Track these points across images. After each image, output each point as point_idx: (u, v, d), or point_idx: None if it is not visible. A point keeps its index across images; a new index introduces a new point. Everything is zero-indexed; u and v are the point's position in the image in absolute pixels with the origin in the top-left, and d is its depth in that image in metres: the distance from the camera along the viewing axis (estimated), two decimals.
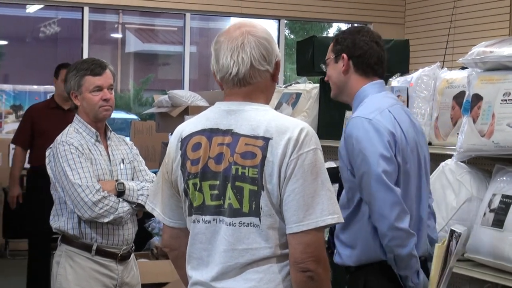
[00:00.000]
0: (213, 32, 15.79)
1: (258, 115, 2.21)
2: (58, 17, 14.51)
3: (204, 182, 2.22)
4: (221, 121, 2.24)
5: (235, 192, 2.17)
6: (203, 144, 2.23)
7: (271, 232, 2.16)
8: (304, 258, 2.12)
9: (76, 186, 3.31)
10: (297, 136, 2.14)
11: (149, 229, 6.40)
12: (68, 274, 3.43)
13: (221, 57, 2.24)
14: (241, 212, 2.17)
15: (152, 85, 16.07)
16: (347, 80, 3.00)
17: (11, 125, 8.95)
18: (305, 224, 2.10)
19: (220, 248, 2.21)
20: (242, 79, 2.23)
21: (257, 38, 2.23)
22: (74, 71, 3.49)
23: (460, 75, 3.79)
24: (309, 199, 2.11)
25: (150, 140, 8.52)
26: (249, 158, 2.15)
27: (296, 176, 2.12)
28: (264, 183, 2.14)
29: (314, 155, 2.14)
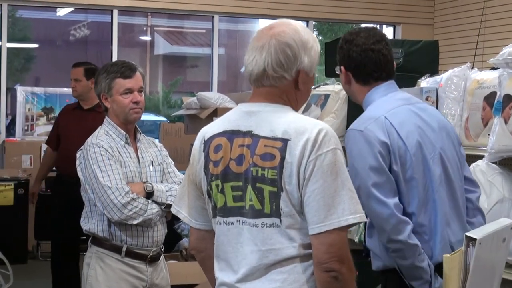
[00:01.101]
0: (241, 34, 15.81)
1: (277, 116, 2.21)
2: (88, 20, 14.64)
3: (226, 184, 2.23)
4: (242, 123, 2.24)
5: (256, 193, 2.18)
6: (224, 146, 2.24)
7: (293, 232, 2.16)
8: (327, 258, 2.11)
9: (105, 188, 3.34)
10: (315, 137, 2.12)
11: (179, 231, 6.42)
12: (98, 275, 3.45)
13: (246, 54, 2.27)
14: (263, 213, 2.17)
15: (180, 87, 16.14)
16: (352, 90, 2.98)
17: (43, 128, 9.04)
18: (327, 224, 2.10)
19: (245, 249, 2.21)
20: (257, 80, 2.25)
21: (279, 43, 2.22)
22: (104, 74, 3.51)
23: (491, 75, 3.75)
24: (330, 199, 2.10)
25: (179, 142, 8.54)
26: (268, 160, 2.15)
27: (316, 177, 2.11)
28: (283, 184, 2.14)
29: (333, 155, 2.12)
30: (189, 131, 7.07)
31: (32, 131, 9.00)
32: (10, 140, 8.86)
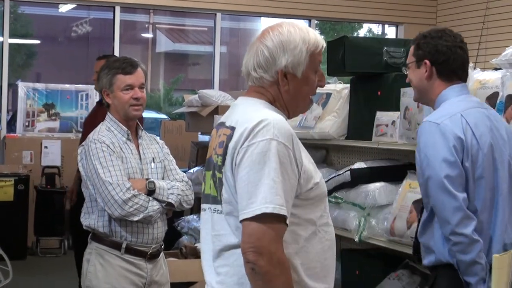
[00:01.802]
0: (244, 32, 15.81)
1: (244, 108, 2.26)
2: (90, 16, 14.64)
3: (207, 172, 2.30)
4: (226, 114, 2.32)
5: (214, 180, 2.24)
6: (213, 136, 2.32)
7: (231, 219, 2.17)
8: (245, 248, 2.08)
9: (106, 184, 3.33)
10: (253, 126, 2.13)
11: (178, 228, 6.42)
12: (98, 272, 3.45)
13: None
14: (216, 200, 2.23)
15: (182, 85, 16.16)
16: (430, 85, 3.01)
17: (44, 124, 9.04)
18: (246, 212, 2.08)
19: (204, 234, 2.30)
20: (246, 79, 2.31)
21: (261, 45, 2.26)
22: (106, 70, 3.51)
23: (493, 76, 3.74)
24: (253, 187, 2.08)
25: (180, 140, 8.56)
26: (221, 147, 2.21)
27: (244, 164, 2.11)
28: (224, 170, 2.18)
29: (266, 144, 2.10)
30: (190, 129, 7.07)
31: (33, 127, 8.99)
32: (11, 136, 8.85)
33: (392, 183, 4.23)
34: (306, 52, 2.25)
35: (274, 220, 2.07)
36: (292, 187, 2.14)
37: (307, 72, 2.27)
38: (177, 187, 3.51)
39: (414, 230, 3.81)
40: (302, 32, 2.27)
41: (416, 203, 3.86)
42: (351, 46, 4.66)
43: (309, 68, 2.27)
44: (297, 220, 2.18)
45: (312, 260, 2.22)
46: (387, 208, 4.16)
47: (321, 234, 2.24)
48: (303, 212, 2.20)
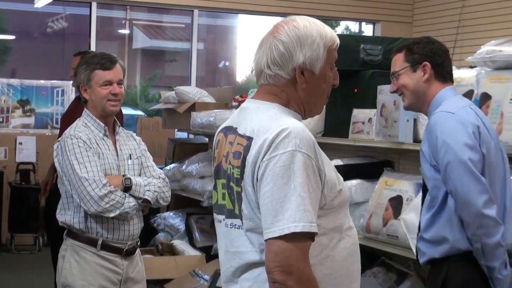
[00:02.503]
0: (221, 29, 15.78)
1: (257, 114, 2.11)
2: (66, 12, 14.54)
3: (218, 180, 2.17)
4: (235, 119, 2.18)
5: (229, 193, 2.11)
6: (220, 142, 2.19)
7: (254, 236, 2.05)
8: (272, 267, 1.96)
9: (83, 180, 3.31)
10: (274, 137, 2.00)
11: (155, 225, 6.40)
12: (73, 269, 3.43)
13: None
14: (234, 213, 2.10)
15: (159, 81, 16.10)
16: (428, 87, 3.08)
17: (18, 120, 8.97)
18: (271, 231, 1.96)
19: (222, 249, 2.18)
20: (257, 78, 2.18)
21: (275, 40, 2.11)
22: (84, 65, 3.49)
23: (469, 74, 3.77)
24: (278, 204, 1.96)
25: (157, 136, 8.53)
26: (237, 158, 2.07)
27: (267, 179, 1.98)
28: (243, 184, 2.05)
29: (289, 157, 1.97)
30: (167, 125, 7.05)
31: (8, 123, 8.92)
32: None
33: (368, 180, 4.25)
34: (324, 48, 2.14)
35: (302, 238, 1.96)
36: (317, 199, 2.03)
37: (324, 68, 2.15)
38: (154, 183, 3.49)
39: (390, 227, 3.83)
40: (318, 27, 2.15)
41: (392, 201, 3.88)
42: None
43: (327, 65, 2.16)
44: (322, 230, 2.05)
45: (338, 268, 2.12)
46: (363, 205, 4.17)
47: (346, 240, 2.14)
48: (327, 221, 2.09)
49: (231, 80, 15.43)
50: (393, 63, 3.19)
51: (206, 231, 5.85)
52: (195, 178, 5.85)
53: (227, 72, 16.09)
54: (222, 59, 15.84)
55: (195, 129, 5.93)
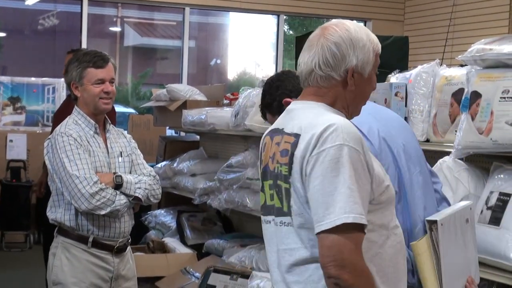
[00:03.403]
0: (212, 27, 15.77)
1: (305, 113, 2.15)
2: (57, 9, 14.49)
3: (265, 182, 2.21)
4: (282, 121, 2.22)
5: (277, 191, 2.14)
6: (267, 144, 2.23)
7: (304, 232, 2.07)
8: (326, 262, 1.97)
9: (73, 177, 3.31)
10: (321, 132, 2.04)
11: (146, 223, 6.40)
12: (64, 266, 3.43)
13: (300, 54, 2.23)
14: (282, 211, 2.13)
15: (150, 79, 16.06)
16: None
17: (9, 117, 8.94)
18: (323, 223, 1.98)
19: (273, 248, 2.18)
20: (305, 79, 2.19)
21: (327, 42, 2.15)
22: (76, 63, 3.48)
23: (459, 72, 3.78)
24: (329, 197, 1.99)
25: (148, 134, 8.52)
26: (284, 156, 2.11)
27: (316, 173, 2.01)
28: (292, 180, 2.08)
29: (338, 151, 2.01)
30: (158, 123, 7.04)
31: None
32: None
33: None
34: (372, 52, 2.19)
35: (353, 230, 1.98)
36: (367, 193, 2.05)
37: (371, 72, 2.21)
38: (145, 181, 3.50)
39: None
40: (366, 31, 2.21)
41: None
42: None
43: (373, 68, 2.21)
44: (371, 226, 2.07)
45: (386, 265, 2.14)
46: None
47: (393, 238, 2.17)
48: (376, 217, 2.11)
49: (223, 78, 15.42)
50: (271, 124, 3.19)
51: (197, 228, 5.86)
52: (186, 175, 5.85)
53: (218, 70, 16.07)
54: (213, 57, 15.82)
55: (186, 127, 5.93)
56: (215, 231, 5.81)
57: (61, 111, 5.54)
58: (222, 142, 6.07)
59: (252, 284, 4.16)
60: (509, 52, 3.30)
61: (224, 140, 6.01)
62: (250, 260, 4.64)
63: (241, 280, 4.38)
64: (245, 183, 4.75)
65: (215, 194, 5.18)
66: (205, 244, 5.44)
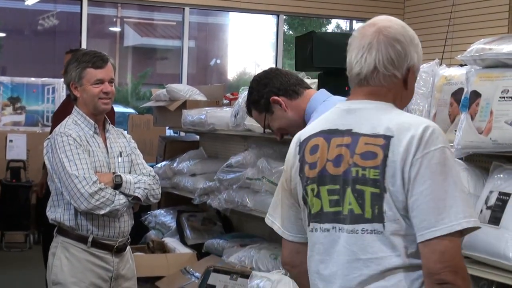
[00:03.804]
0: (212, 27, 15.77)
1: (379, 113, 2.04)
2: (57, 10, 14.50)
3: (322, 187, 2.06)
4: (340, 121, 2.08)
5: (356, 196, 1.99)
6: (320, 146, 2.08)
7: (397, 239, 1.96)
8: (440, 268, 1.90)
9: (73, 177, 3.31)
10: (422, 134, 1.95)
11: (146, 223, 6.40)
12: (63, 266, 3.43)
13: (349, 53, 2.13)
14: (364, 218, 1.98)
15: (150, 79, 16.07)
16: (294, 112, 2.97)
17: (9, 117, 8.94)
18: (438, 229, 1.90)
19: (341, 259, 2.02)
20: (364, 79, 2.09)
21: (388, 39, 2.06)
22: (75, 63, 3.48)
23: (459, 72, 3.78)
24: (440, 201, 1.90)
25: (148, 134, 8.53)
26: (370, 159, 1.98)
27: (424, 177, 1.92)
28: (386, 184, 1.96)
29: (442, 153, 1.93)
30: (158, 123, 7.04)
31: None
32: None
33: None
34: (420, 50, 2.14)
35: (459, 235, 1.93)
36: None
37: (418, 70, 2.17)
38: (144, 181, 3.50)
39: None
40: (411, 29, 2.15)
41: None
42: (319, 42, 4.68)
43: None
44: None
45: None
46: None
47: None
48: None
49: (222, 78, 15.42)
50: (257, 122, 3.12)
51: (197, 228, 5.86)
52: (186, 175, 5.85)
53: (218, 70, 16.08)
54: (213, 57, 15.83)
55: (186, 127, 5.93)
56: (215, 231, 5.81)
57: (61, 111, 5.53)
58: (222, 142, 6.07)
59: (252, 284, 4.16)
60: (508, 52, 3.30)
61: (224, 140, 6.01)
62: (250, 260, 4.64)
63: (241, 280, 4.38)
64: (245, 183, 4.74)
65: (215, 194, 5.18)
66: (205, 244, 5.44)
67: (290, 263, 2.27)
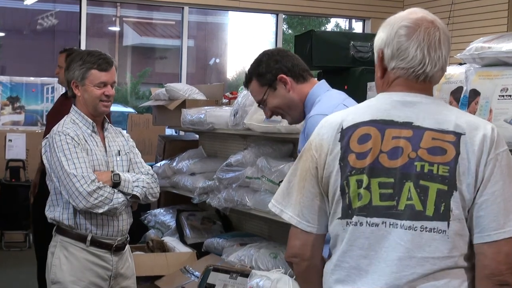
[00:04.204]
0: (211, 26, 15.77)
1: (441, 109, 1.99)
2: (56, 9, 14.50)
3: (373, 179, 1.95)
4: (395, 113, 1.99)
5: (418, 192, 1.92)
6: (373, 136, 1.97)
7: (458, 239, 1.92)
8: (504, 269, 1.89)
9: (71, 176, 3.31)
10: (491, 134, 1.93)
11: (145, 222, 6.39)
12: (62, 265, 3.43)
13: (411, 46, 2.01)
14: (424, 215, 1.91)
15: (149, 78, 16.08)
16: (295, 95, 2.97)
17: (8, 117, 8.94)
18: (506, 231, 1.89)
19: (391, 255, 1.93)
20: (427, 76, 2.02)
21: (447, 37, 2.04)
22: (79, 62, 3.47)
23: (458, 70, 3.78)
24: (509, 203, 1.90)
25: (147, 133, 8.52)
26: (439, 154, 1.92)
27: (496, 178, 1.91)
28: (457, 182, 1.91)
29: (508, 155, 1.94)
30: (157, 122, 7.04)
31: None
32: None
33: None
34: None
35: None
36: None
37: None
38: (143, 179, 3.50)
39: None
40: None
41: None
42: (318, 40, 4.69)
43: None
44: None
45: None
46: None
47: None
48: None
49: (222, 77, 15.43)
50: (252, 95, 3.09)
51: (197, 227, 5.85)
52: (185, 175, 5.85)
53: (217, 69, 16.08)
54: (212, 56, 15.83)
55: (185, 126, 5.93)
56: (214, 230, 5.81)
57: (55, 110, 5.53)
58: (221, 141, 6.07)
59: (251, 283, 4.16)
60: (507, 50, 3.30)
61: (223, 139, 6.01)
62: (249, 259, 4.64)
63: (241, 279, 4.38)
64: (244, 182, 4.74)
65: (215, 193, 5.18)
66: (205, 243, 5.44)
67: (301, 256, 2.10)
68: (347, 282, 1.99)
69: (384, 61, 2.06)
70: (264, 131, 4.53)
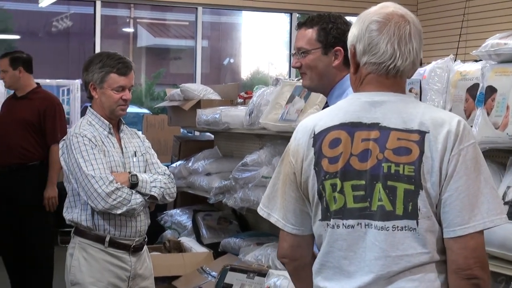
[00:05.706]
0: (225, 26, 15.79)
1: (408, 107, 1.99)
2: (70, 11, 14.56)
3: (346, 183, 1.97)
4: (363, 114, 2.00)
5: (387, 193, 1.94)
6: (343, 140, 1.99)
7: (429, 235, 1.94)
8: (471, 264, 1.91)
9: (89, 177, 3.33)
10: (456, 129, 1.92)
11: (162, 223, 6.41)
12: (81, 266, 3.44)
13: (382, 41, 1.99)
14: (394, 215, 1.93)
15: (163, 79, 16.12)
16: (335, 73, 2.71)
17: None
18: (471, 226, 1.90)
19: (368, 255, 1.97)
20: (397, 71, 2.01)
21: (418, 30, 2.02)
22: (99, 64, 3.48)
23: (474, 67, 3.76)
24: (473, 198, 1.90)
25: (162, 134, 8.54)
26: (404, 154, 1.93)
27: (459, 173, 1.90)
28: (422, 181, 1.92)
29: (474, 149, 1.93)
30: (172, 123, 7.06)
31: None
32: None
33: None
34: None
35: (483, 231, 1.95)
36: None
37: None
38: (160, 180, 3.51)
39: None
40: None
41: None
42: None
43: None
44: None
45: None
46: None
47: None
48: None
49: (236, 77, 15.44)
50: (300, 37, 2.75)
51: (213, 227, 5.87)
52: (201, 175, 5.86)
53: (232, 69, 16.10)
54: (226, 56, 15.85)
55: (200, 126, 5.94)
56: (231, 230, 5.82)
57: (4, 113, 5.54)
58: (237, 141, 6.08)
59: (269, 282, 4.16)
60: None
61: (238, 139, 6.01)
62: (266, 259, 4.64)
63: (258, 279, 4.39)
64: (260, 182, 4.75)
65: (231, 193, 5.19)
66: (221, 243, 5.45)
67: (291, 256, 2.18)
68: (332, 280, 2.04)
69: (357, 56, 2.05)
70: (280, 130, 4.53)
